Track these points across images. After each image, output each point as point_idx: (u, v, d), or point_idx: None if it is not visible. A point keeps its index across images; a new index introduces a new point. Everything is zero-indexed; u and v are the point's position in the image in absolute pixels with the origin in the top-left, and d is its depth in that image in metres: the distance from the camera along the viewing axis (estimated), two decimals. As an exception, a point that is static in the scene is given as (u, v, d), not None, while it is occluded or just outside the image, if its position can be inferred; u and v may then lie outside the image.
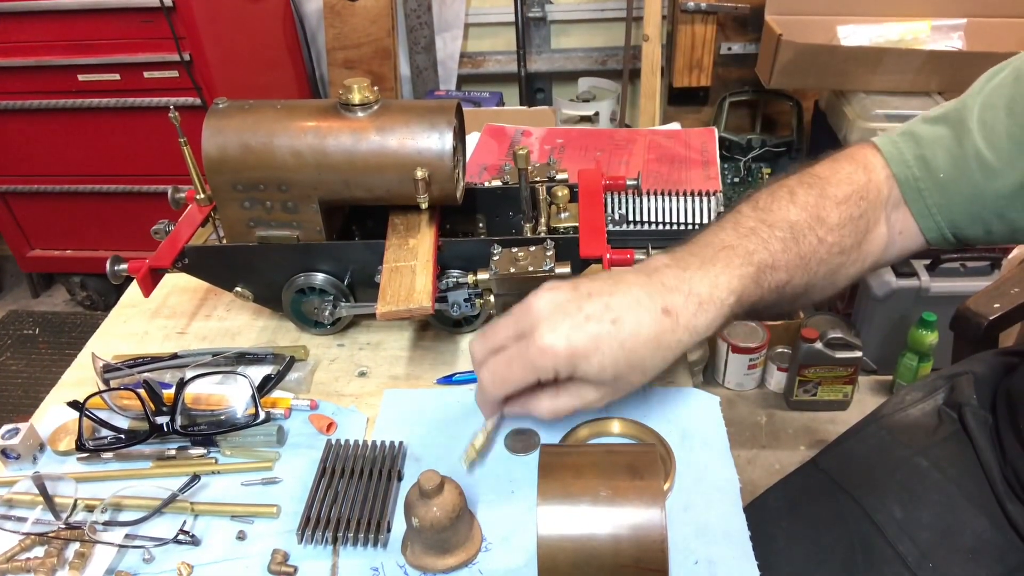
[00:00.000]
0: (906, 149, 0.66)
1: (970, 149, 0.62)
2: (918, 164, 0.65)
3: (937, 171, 0.64)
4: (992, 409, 0.78)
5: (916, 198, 0.65)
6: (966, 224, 0.65)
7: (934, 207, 0.65)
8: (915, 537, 0.71)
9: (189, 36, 1.80)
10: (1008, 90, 0.62)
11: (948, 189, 0.64)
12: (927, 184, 0.64)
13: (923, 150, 0.65)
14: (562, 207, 0.82)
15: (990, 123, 0.62)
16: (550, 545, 0.49)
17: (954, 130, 0.64)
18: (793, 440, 1.81)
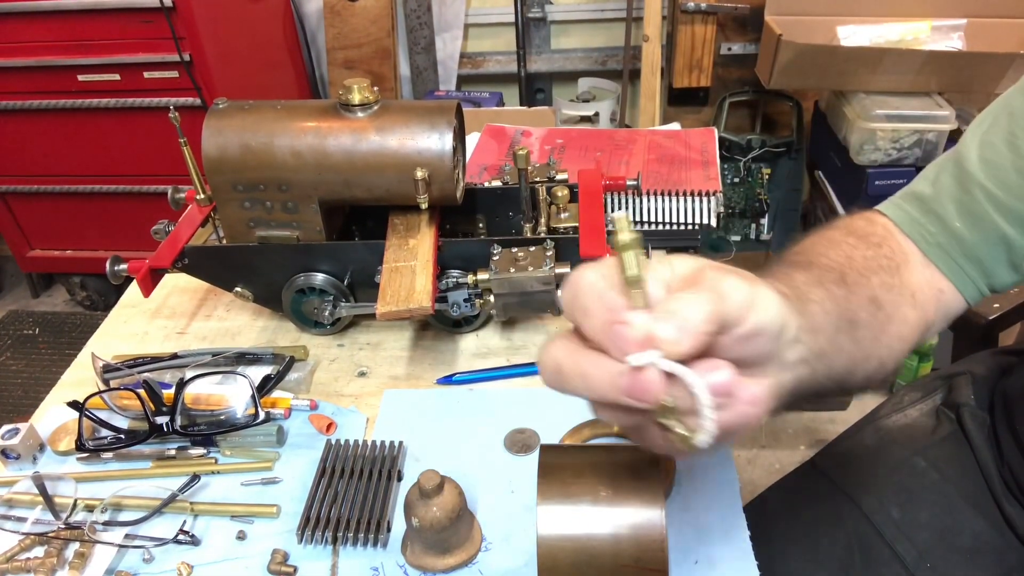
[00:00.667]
0: (912, 209, 0.63)
1: (978, 192, 0.59)
2: (930, 220, 0.62)
3: (951, 220, 0.61)
4: (990, 410, 0.78)
5: (940, 254, 0.61)
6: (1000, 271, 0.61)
7: (960, 259, 0.61)
8: (913, 537, 0.71)
9: (189, 36, 1.80)
10: (1004, 126, 0.60)
11: (967, 238, 0.60)
12: (946, 238, 0.61)
13: (930, 205, 0.62)
14: (562, 207, 0.82)
15: (993, 161, 0.60)
16: (550, 545, 0.49)
17: (956, 178, 0.61)
18: (793, 440, 1.81)
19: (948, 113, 1.68)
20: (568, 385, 0.38)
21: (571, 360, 0.38)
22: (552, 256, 0.73)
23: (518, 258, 0.73)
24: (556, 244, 0.74)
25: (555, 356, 0.39)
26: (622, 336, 0.35)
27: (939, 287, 0.62)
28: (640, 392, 0.35)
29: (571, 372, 0.38)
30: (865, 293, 0.55)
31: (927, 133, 1.70)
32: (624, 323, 0.35)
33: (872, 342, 0.55)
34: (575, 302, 0.38)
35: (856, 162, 1.75)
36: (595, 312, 0.37)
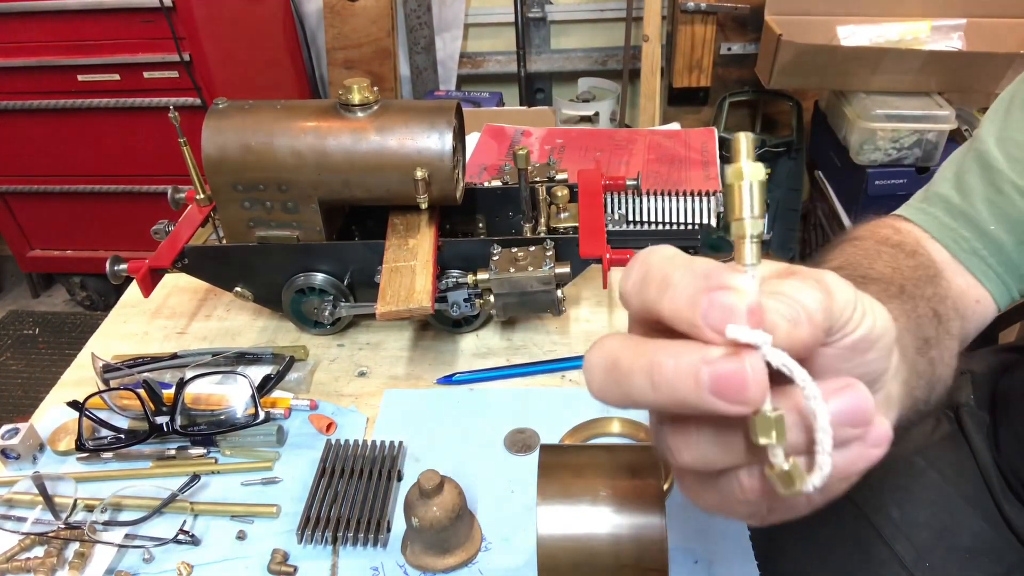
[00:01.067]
0: (940, 213, 0.59)
1: (1011, 190, 0.56)
2: (962, 224, 0.58)
3: (985, 224, 0.57)
4: (990, 408, 0.78)
5: (976, 262, 0.58)
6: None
7: (998, 266, 0.58)
8: (912, 537, 0.71)
9: (189, 36, 1.80)
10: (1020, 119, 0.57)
11: (1004, 243, 0.57)
12: (982, 244, 0.57)
13: (960, 208, 0.58)
14: (562, 207, 0.82)
15: (1019, 157, 0.57)
16: (550, 545, 0.49)
17: (984, 178, 0.58)
18: (793, 440, 1.81)
19: (948, 113, 1.68)
20: (626, 383, 0.27)
21: (633, 351, 0.27)
22: (552, 256, 0.73)
23: (518, 258, 0.73)
24: (556, 244, 0.74)
25: (610, 347, 0.28)
26: (721, 303, 0.25)
27: (975, 297, 0.58)
28: (735, 387, 0.25)
29: (633, 366, 0.27)
30: (928, 306, 0.50)
31: (927, 133, 1.70)
32: (727, 287, 0.26)
33: (939, 362, 0.49)
34: (650, 275, 0.28)
35: (856, 162, 1.76)
36: (681, 278, 0.27)
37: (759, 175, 0.27)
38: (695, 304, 0.26)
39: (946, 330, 0.51)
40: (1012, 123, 0.58)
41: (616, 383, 0.28)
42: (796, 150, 2.05)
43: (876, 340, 0.30)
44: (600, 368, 0.28)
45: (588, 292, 0.87)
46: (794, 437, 0.27)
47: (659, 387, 0.26)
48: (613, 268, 0.77)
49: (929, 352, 0.47)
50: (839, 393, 0.27)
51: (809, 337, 0.26)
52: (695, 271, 0.27)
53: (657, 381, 0.26)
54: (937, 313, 0.50)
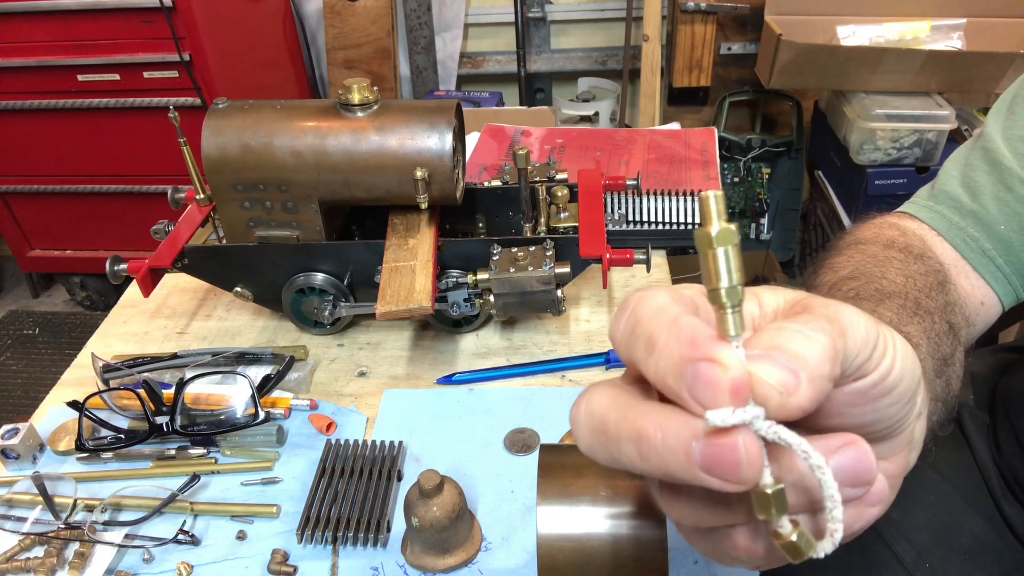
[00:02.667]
0: (948, 212, 0.58)
1: (1021, 188, 0.55)
2: (971, 223, 0.56)
3: (995, 224, 0.56)
4: (989, 408, 0.78)
5: (985, 262, 0.57)
6: None
7: (1006, 267, 0.57)
8: (912, 538, 0.71)
9: (189, 36, 1.80)
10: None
11: (1014, 243, 0.56)
12: (991, 243, 0.56)
13: (969, 206, 0.57)
14: (562, 207, 0.82)
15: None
16: (550, 545, 0.49)
17: (993, 176, 0.57)
18: (793, 440, 1.81)
19: (948, 113, 1.68)
20: (614, 448, 0.26)
21: (621, 415, 0.26)
22: (552, 256, 0.73)
23: (518, 258, 0.73)
24: (556, 244, 0.74)
25: (597, 409, 0.27)
26: (706, 378, 0.24)
27: (980, 299, 0.57)
28: (728, 467, 0.23)
29: (620, 432, 0.26)
30: (943, 320, 0.48)
31: (927, 133, 1.70)
32: (710, 360, 0.24)
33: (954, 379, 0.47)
34: (636, 329, 0.26)
35: (856, 162, 1.76)
36: (666, 343, 0.25)
37: (733, 239, 0.24)
38: (680, 376, 0.24)
39: (958, 342, 0.49)
40: (1017, 121, 0.58)
41: (603, 447, 0.27)
42: (796, 150, 2.05)
43: (894, 385, 0.27)
44: (587, 428, 0.27)
45: (588, 292, 0.87)
46: (797, 502, 0.26)
47: (648, 458, 0.25)
48: (613, 268, 0.77)
49: (946, 371, 0.46)
50: (840, 452, 0.26)
51: (809, 401, 0.24)
52: (680, 336, 0.25)
53: (645, 452, 0.25)
54: (952, 327, 0.49)
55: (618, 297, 0.87)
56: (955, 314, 0.51)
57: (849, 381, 0.27)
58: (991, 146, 0.58)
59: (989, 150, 0.58)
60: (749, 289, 0.28)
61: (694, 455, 0.24)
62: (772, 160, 2.07)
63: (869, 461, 0.25)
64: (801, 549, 0.25)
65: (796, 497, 0.26)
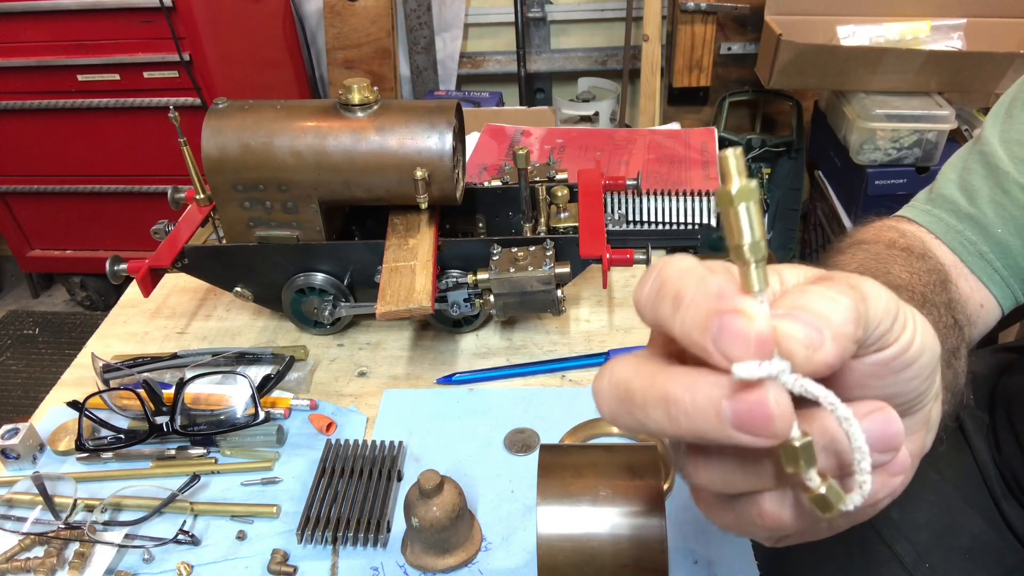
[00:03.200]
0: (946, 216, 0.58)
1: (1018, 192, 0.55)
2: (968, 226, 0.57)
3: (993, 227, 0.56)
4: (989, 409, 0.78)
5: (983, 266, 0.57)
6: None
7: (1004, 270, 0.57)
8: (912, 538, 0.71)
9: (189, 36, 1.80)
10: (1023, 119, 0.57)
11: (1012, 246, 0.56)
12: (989, 247, 0.56)
13: (966, 210, 0.57)
14: (562, 207, 0.82)
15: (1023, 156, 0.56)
16: (550, 545, 0.49)
17: (990, 180, 0.57)
18: (793, 440, 1.81)
19: (948, 113, 1.68)
20: (641, 414, 0.26)
21: (648, 381, 0.26)
22: (552, 256, 0.73)
23: (518, 258, 0.73)
24: (556, 244, 0.74)
25: (621, 376, 0.27)
26: (731, 329, 0.23)
27: (979, 301, 0.58)
28: (760, 421, 0.23)
29: (647, 396, 0.26)
30: (948, 315, 0.49)
31: (927, 133, 1.70)
32: (736, 311, 0.24)
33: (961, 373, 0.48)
34: (664, 288, 0.26)
35: (856, 162, 1.76)
36: (693, 298, 0.25)
37: (753, 195, 0.24)
38: (705, 328, 0.24)
39: (963, 338, 0.49)
40: (1015, 125, 0.58)
41: (630, 414, 0.26)
42: (796, 150, 2.05)
43: (915, 358, 0.27)
44: (612, 398, 0.27)
45: (588, 292, 0.87)
46: (825, 461, 0.26)
47: (677, 420, 0.25)
48: (613, 268, 0.77)
49: (954, 364, 0.46)
50: (868, 417, 0.25)
51: (834, 357, 0.24)
52: (708, 290, 0.25)
53: (675, 414, 0.25)
54: (957, 322, 0.49)
55: (618, 297, 0.87)
56: (958, 311, 0.51)
57: (871, 352, 0.27)
58: (988, 150, 0.58)
59: (986, 154, 0.58)
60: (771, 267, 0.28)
61: (724, 413, 0.24)
62: (772, 160, 2.07)
63: (897, 426, 0.25)
64: (830, 502, 0.25)
65: (824, 459, 0.26)
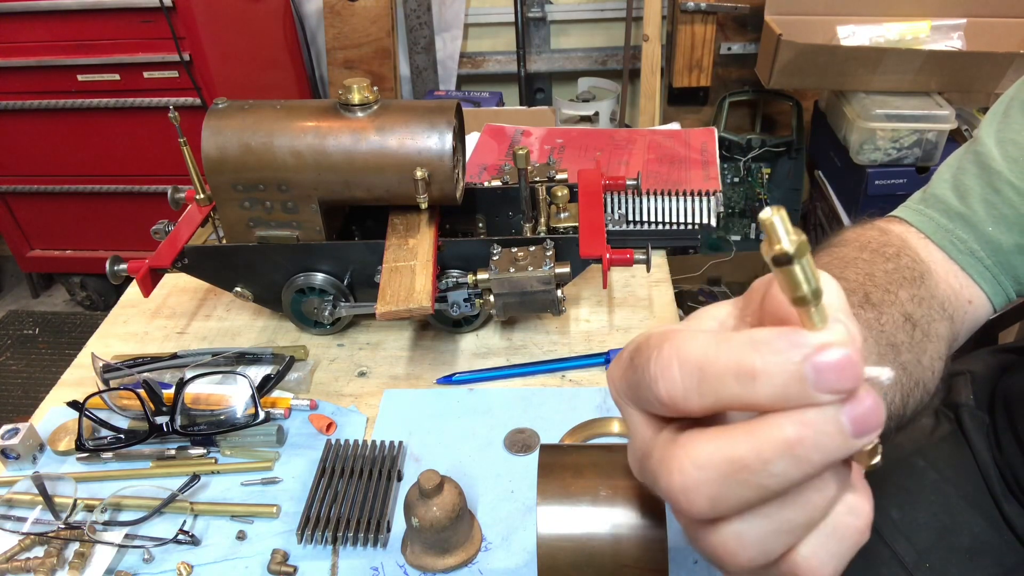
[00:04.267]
0: (937, 215, 0.59)
1: (1009, 191, 0.56)
2: (959, 225, 0.58)
3: (983, 225, 0.57)
4: (989, 409, 0.78)
5: (973, 263, 0.58)
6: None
7: (995, 267, 0.58)
8: (912, 537, 0.71)
9: (189, 36, 1.80)
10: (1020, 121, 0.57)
11: (1002, 244, 0.57)
12: (980, 245, 0.57)
13: (957, 209, 0.58)
14: (562, 207, 0.82)
15: (1018, 157, 0.56)
16: (550, 545, 0.49)
17: (982, 179, 0.58)
18: (793, 440, 1.81)
19: (948, 113, 1.68)
20: (763, 476, 0.25)
21: (752, 442, 0.25)
22: (552, 256, 0.73)
23: (518, 258, 0.73)
24: (556, 244, 0.74)
25: (716, 455, 0.26)
26: (836, 366, 0.24)
27: (968, 298, 0.58)
28: (879, 416, 0.25)
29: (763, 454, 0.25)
30: (897, 311, 0.50)
31: (927, 133, 1.70)
32: (828, 346, 0.24)
33: (916, 366, 0.50)
34: (710, 373, 0.25)
35: (856, 162, 1.76)
36: (768, 365, 0.25)
37: (806, 249, 0.25)
38: (801, 378, 0.24)
39: (923, 334, 0.51)
40: (1011, 124, 0.58)
41: (744, 482, 0.25)
42: (796, 150, 2.05)
43: None
44: (715, 477, 0.25)
45: (588, 292, 0.87)
46: None
47: (806, 457, 0.24)
48: (613, 268, 0.77)
49: (900, 357, 0.47)
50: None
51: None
52: (778, 347, 0.25)
53: (803, 454, 0.24)
54: (909, 316, 0.50)
55: (618, 297, 0.87)
56: (922, 306, 0.52)
57: None
58: (983, 150, 0.59)
59: (980, 154, 0.59)
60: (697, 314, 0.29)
61: (845, 427, 0.24)
62: (772, 160, 2.07)
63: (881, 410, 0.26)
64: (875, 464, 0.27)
65: None
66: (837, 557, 0.27)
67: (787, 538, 0.26)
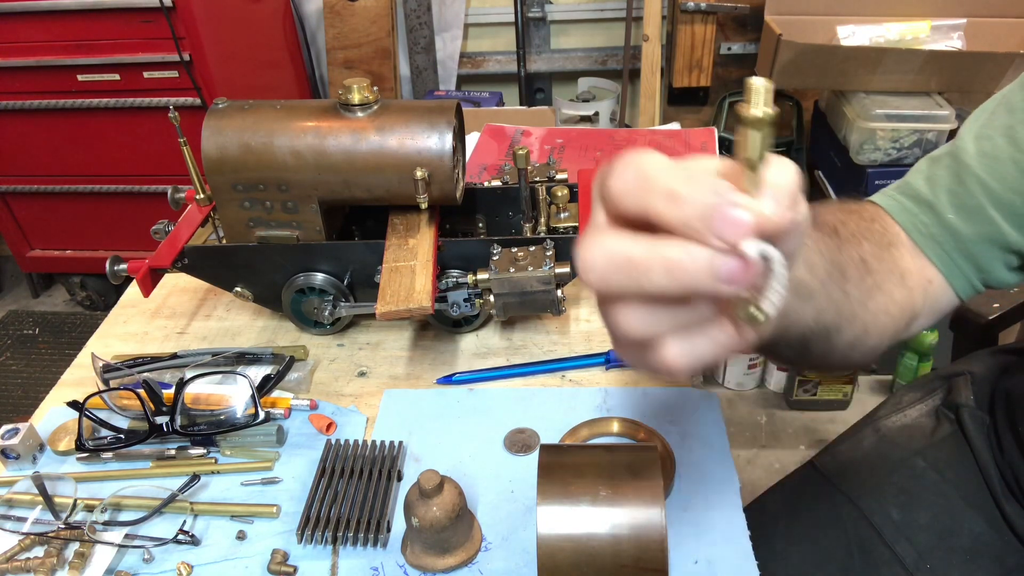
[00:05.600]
0: (905, 200, 0.62)
1: (974, 184, 0.58)
2: (922, 210, 0.61)
3: (944, 212, 0.60)
4: (990, 410, 0.78)
5: (932, 245, 0.61)
6: (995, 267, 0.60)
7: (953, 252, 0.60)
8: (913, 538, 0.71)
9: (189, 36, 1.80)
10: (1003, 120, 0.59)
11: (961, 231, 0.59)
12: (939, 229, 0.60)
13: (924, 196, 0.61)
14: (562, 207, 0.82)
15: (990, 153, 0.59)
16: (550, 545, 0.49)
17: (951, 170, 0.60)
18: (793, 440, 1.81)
19: (948, 113, 1.68)
20: (643, 277, 0.31)
21: (647, 248, 0.31)
22: (552, 256, 0.73)
23: (518, 258, 0.73)
24: (556, 244, 0.74)
25: (619, 248, 0.32)
26: (733, 221, 0.30)
27: (928, 277, 0.61)
28: (746, 278, 0.31)
29: (651, 261, 0.31)
30: (855, 252, 0.55)
31: (927, 133, 1.70)
32: (736, 205, 0.30)
33: (859, 304, 0.55)
34: (650, 185, 0.32)
35: (856, 162, 1.76)
36: (691, 195, 0.31)
37: (764, 126, 0.30)
38: (704, 218, 0.30)
39: (875, 282, 0.56)
40: (993, 122, 0.60)
41: (629, 277, 0.32)
42: (796, 150, 2.05)
43: (803, 223, 0.34)
44: (609, 263, 0.32)
45: (588, 292, 0.87)
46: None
47: (677, 278, 0.31)
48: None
49: (845, 284, 0.53)
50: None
51: (788, 224, 0.31)
52: (704, 186, 0.31)
53: (676, 274, 0.31)
54: (865, 262, 0.55)
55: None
56: (879, 261, 0.57)
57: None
58: (960, 144, 0.61)
59: (958, 147, 0.61)
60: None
61: (721, 272, 0.30)
62: (772, 160, 2.07)
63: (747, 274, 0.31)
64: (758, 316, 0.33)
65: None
66: (694, 357, 0.34)
67: (657, 328, 0.33)
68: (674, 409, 0.70)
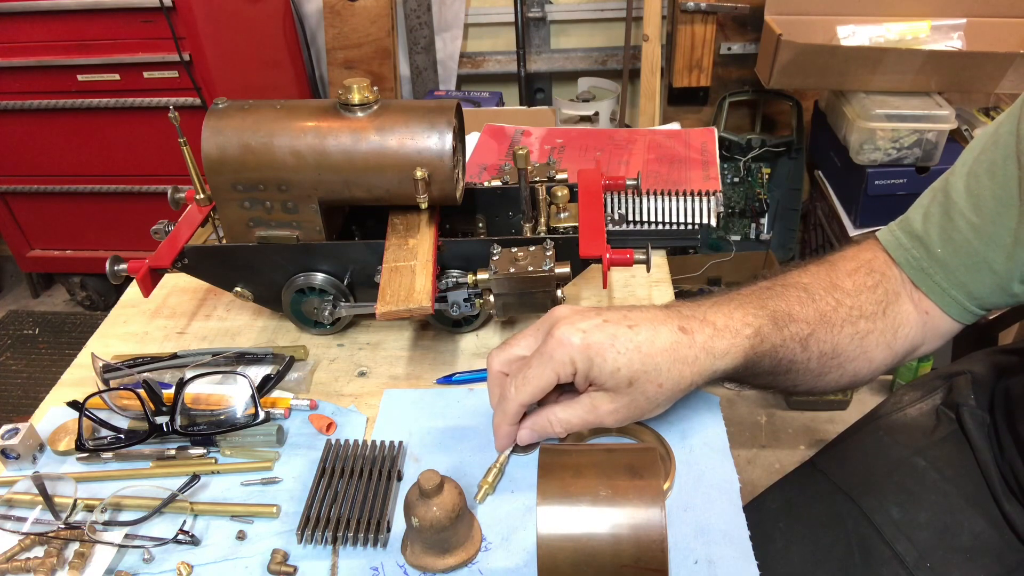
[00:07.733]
0: (901, 235, 0.68)
1: (960, 220, 0.64)
2: (915, 245, 0.67)
3: (934, 247, 0.66)
4: (990, 409, 0.78)
5: (923, 278, 0.67)
6: (986, 293, 0.65)
7: (944, 283, 0.66)
8: (913, 537, 0.71)
9: (189, 36, 1.80)
10: (989, 155, 0.64)
11: (949, 263, 0.65)
12: (929, 263, 0.66)
13: (917, 232, 0.67)
14: (562, 207, 0.82)
15: (975, 190, 0.64)
16: (550, 545, 0.49)
17: (942, 206, 0.66)
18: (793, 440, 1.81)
19: (948, 113, 1.68)
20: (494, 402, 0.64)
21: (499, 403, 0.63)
22: (552, 256, 0.73)
23: (518, 258, 0.73)
24: (556, 244, 0.74)
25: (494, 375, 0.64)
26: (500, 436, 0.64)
27: (925, 309, 0.68)
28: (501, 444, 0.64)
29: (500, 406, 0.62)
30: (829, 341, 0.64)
31: (927, 133, 1.70)
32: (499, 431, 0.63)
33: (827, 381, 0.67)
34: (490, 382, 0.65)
35: (856, 162, 1.75)
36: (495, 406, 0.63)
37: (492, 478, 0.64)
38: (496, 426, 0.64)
39: (839, 364, 0.65)
40: (983, 158, 0.64)
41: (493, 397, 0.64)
42: (796, 150, 2.05)
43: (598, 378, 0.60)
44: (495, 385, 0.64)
45: (588, 292, 0.87)
46: None
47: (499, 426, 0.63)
48: (613, 268, 0.77)
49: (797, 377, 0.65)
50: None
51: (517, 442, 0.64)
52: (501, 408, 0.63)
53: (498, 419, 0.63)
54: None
55: (618, 297, 0.87)
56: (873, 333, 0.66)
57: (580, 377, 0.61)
58: (952, 180, 0.66)
59: (949, 183, 0.66)
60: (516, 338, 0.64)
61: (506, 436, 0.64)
62: (772, 160, 2.07)
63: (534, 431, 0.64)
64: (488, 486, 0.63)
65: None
66: (537, 434, 0.63)
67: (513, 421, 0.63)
68: (674, 409, 0.70)
